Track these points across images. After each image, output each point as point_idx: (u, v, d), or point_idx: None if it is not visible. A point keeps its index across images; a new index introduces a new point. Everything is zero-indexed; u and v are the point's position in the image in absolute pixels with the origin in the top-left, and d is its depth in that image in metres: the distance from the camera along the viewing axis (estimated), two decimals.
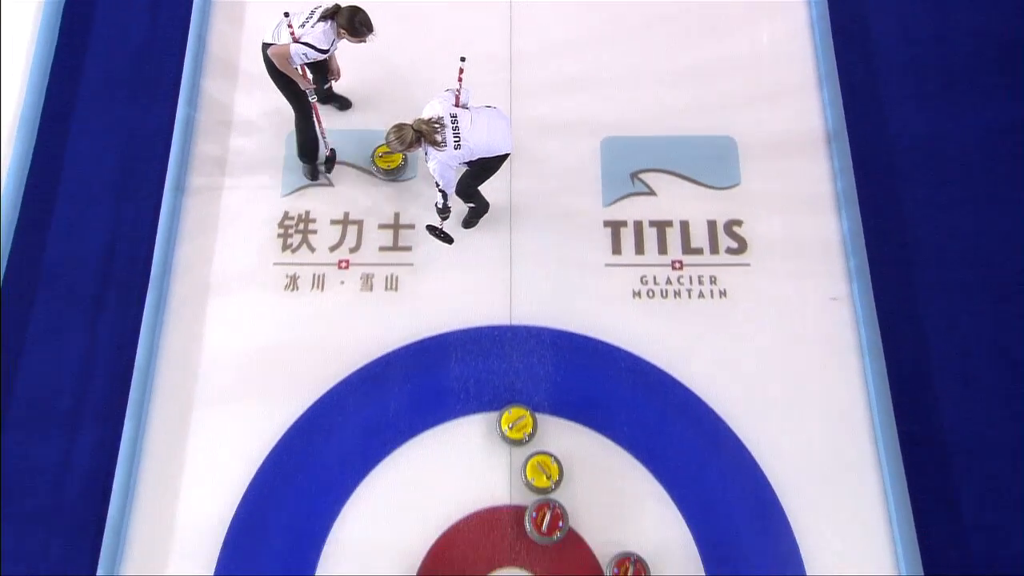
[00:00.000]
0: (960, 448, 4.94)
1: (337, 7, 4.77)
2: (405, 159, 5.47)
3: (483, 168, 4.96)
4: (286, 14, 4.79)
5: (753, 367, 5.13)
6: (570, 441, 4.98)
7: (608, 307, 5.28)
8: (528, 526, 4.78)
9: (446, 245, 5.24)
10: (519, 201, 5.57)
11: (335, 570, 4.69)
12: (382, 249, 5.48)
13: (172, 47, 5.97)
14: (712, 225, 5.55)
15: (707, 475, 4.92)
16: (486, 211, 5.40)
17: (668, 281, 5.40)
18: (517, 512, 4.85)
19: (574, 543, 4.79)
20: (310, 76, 5.13)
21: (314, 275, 5.42)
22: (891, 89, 5.93)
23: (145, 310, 5.24)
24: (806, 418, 5.03)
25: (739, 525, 4.81)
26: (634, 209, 5.60)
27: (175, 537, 4.78)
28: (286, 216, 5.56)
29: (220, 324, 5.30)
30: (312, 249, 5.46)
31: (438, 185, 4.86)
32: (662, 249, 5.47)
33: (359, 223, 5.58)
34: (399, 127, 4.59)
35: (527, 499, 4.87)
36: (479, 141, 4.74)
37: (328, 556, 4.74)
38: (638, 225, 5.55)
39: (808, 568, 4.70)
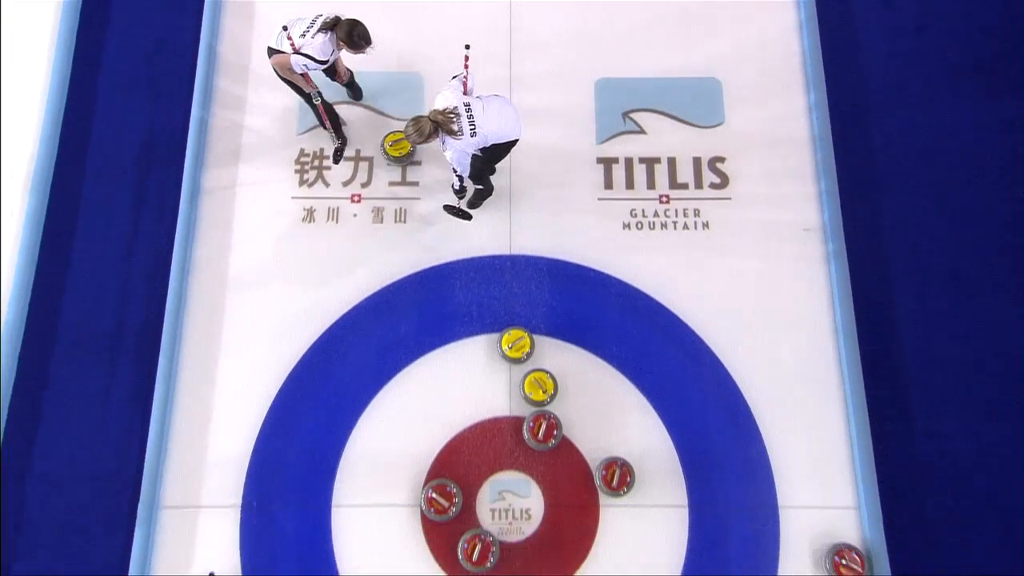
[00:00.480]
0: (914, 362, 5.27)
1: (337, 19, 4.67)
2: (413, 147, 5.43)
3: (494, 154, 4.92)
4: (284, 28, 4.70)
5: (731, 292, 5.36)
6: (564, 359, 5.21)
7: (600, 238, 5.49)
8: (526, 434, 5.01)
9: (465, 221, 5.30)
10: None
11: (353, 474, 5.03)
12: (391, 184, 5.68)
13: None
14: (697, 162, 5.78)
15: (687, 389, 5.18)
16: (491, 194, 5.37)
17: (656, 214, 5.60)
18: (516, 422, 5.10)
19: (567, 449, 5.07)
20: (314, 81, 5.07)
21: (329, 208, 5.63)
22: (869, 33, 6.06)
23: (174, 255, 5.45)
24: (777, 338, 5.29)
25: (714, 432, 5.11)
26: (625, 147, 5.82)
27: (208, 454, 5.06)
28: (302, 153, 5.75)
29: (245, 253, 5.51)
30: (327, 184, 5.65)
31: (455, 171, 4.86)
32: (650, 184, 5.70)
33: (369, 160, 5.79)
34: (416, 120, 4.51)
35: (525, 411, 5.12)
36: (491, 128, 4.70)
37: (346, 462, 5.08)
38: (628, 162, 5.76)
39: (775, 468, 5.03)
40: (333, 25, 4.63)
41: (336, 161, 5.32)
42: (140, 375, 5.23)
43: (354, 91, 5.60)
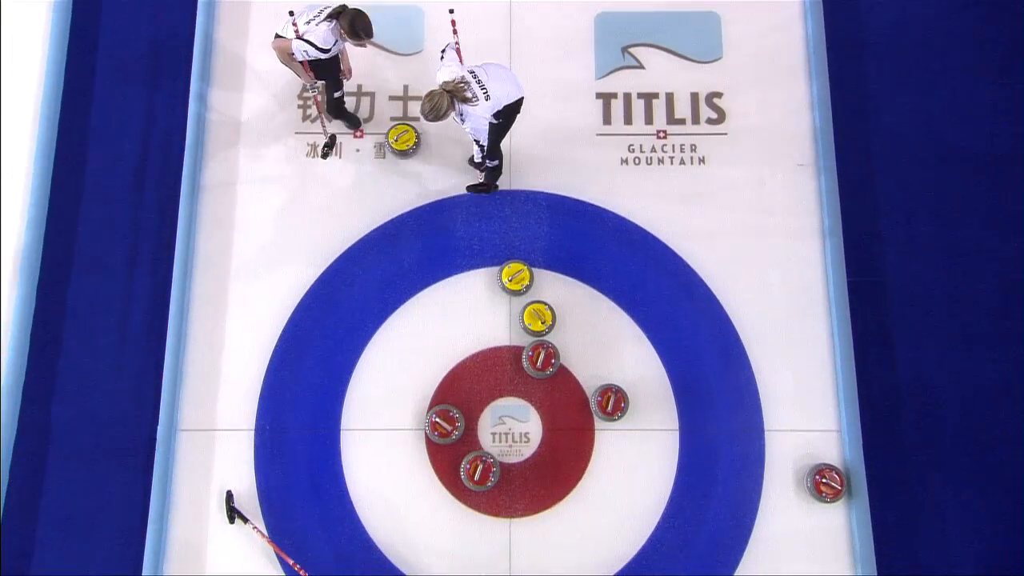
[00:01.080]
0: (898, 293, 5.35)
1: (343, 7, 4.56)
2: (418, 141, 5.34)
3: (508, 117, 4.85)
4: (291, 13, 4.59)
5: (725, 226, 5.43)
6: (562, 291, 5.29)
7: (598, 173, 5.53)
8: (525, 363, 5.13)
9: (490, 194, 5.22)
10: (518, 73, 5.61)
11: (360, 400, 5.18)
12: (393, 119, 5.68)
13: None
14: (695, 97, 5.79)
15: (680, 320, 5.28)
16: (500, 174, 5.29)
17: (653, 149, 5.62)
18: (515, 351, 5.21)
19: (564, 377, 5.19)
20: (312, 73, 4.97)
21: None
22: None
23: (183, 183, 5.50)
24: (768, 269, 5.39)
25: (705, 360, 5.23)
26: (624, 82, 5.81)
27: (222, 380, 5.21)
28: (304, 88, 5.73)
29: (251, 188, 5.55)
30: (330, 119, 5.64)
31: (478, 143, 4.81)
32: (648, 119, 5.71)
33: (371, 95, 5.79)
34: (430, 95, 4.44)
35: (524, 340, 5.23)
36: (499, 89, 4.65)
37: (353, 388, 5.20)
38: (627, 97, 5.77)
39: (762, 394, 5.18)
40: (338, 14, 4.55)
41: (326, 155, 5.21)
42: (154, 306, 5.32)
43: (349, 120, 5.44)
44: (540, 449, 5.08)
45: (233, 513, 4.83)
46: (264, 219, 5.41)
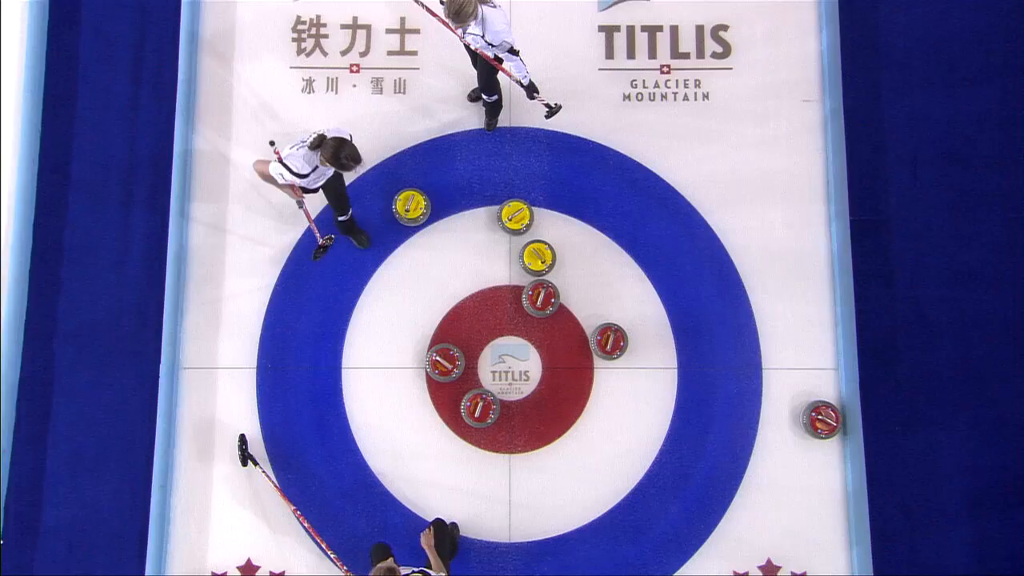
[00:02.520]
0: (899, 232, 5.34)
1: (322, 138, 4.23)
2: (426, 210, 5.11)
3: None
4: (272, 143, 4.37)
5: (727, 163, 5.40)
6: (562, 230, 5.31)
7: (600, 109, 5.45)
8: (525, 302, 5.15)
9: (555, 114, 4.84)
10: (518, 4, 5.58)
11: (361, 339, 5.18)
12: (390, 53, 5.52)
13: None
14: (700, 30, 5.61)
15: (680, 258, 5.31)
16: (501, 108, 5.15)
17: (656, 84, 5.52)
18: (515, 290, 5.24)
19: (564, 316, 5.24)
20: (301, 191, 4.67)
21: (328, 79, 5.52)
22: None
23: (177, 113, 5.38)
24: (771, 208, 5.38)
25: (705, 299, 5.28)
26: (627, 14, 5.63)
27: (223, 319, 5.21)
28: (298, 20, 5.56)
29: (247, 122, 5.42)
30: (324, 53, 5.50)
31: (510, 59, 4.52)
32: (652, 54, 5.56)
33: (367, 27, 5.61)
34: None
35: (524, 280, 5.25)
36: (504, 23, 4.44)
37: (354, 327, 5.23)
38: (630, 30, 5.59)
39: (760, 332, 5.24)
40: (318, 144, 4.22)
41: (316, 257, 4.86)
42: (152, 243, 5.29)
43: (357, 237, 5.14)
44: (539, 387, 5.15)
45: (246, 457, 4.89)
46: (260, 155, 5.00)
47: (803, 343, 5.24)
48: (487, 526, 4.96)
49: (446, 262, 5.27)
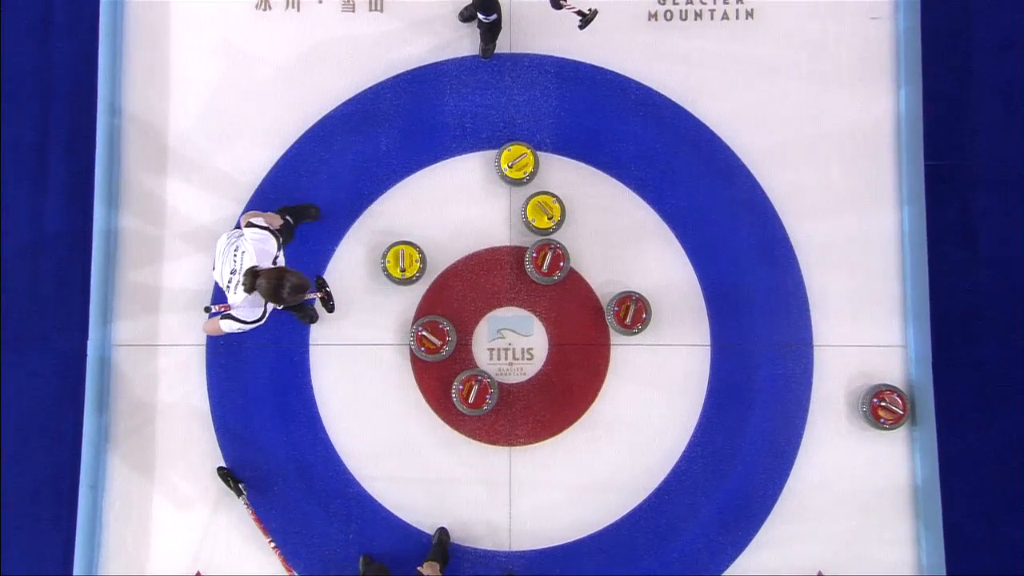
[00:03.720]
0: (987, 181, 4.87)
1: (253, 275, 3.76)
2: (422, 268, 4.68)
3: None
4: (207, 309, 4.04)
5: (775, 98, 4.92)
6: (573, 180, 4.88)
7: (619, 31, 4.94)
8: (528, 266, 4.76)
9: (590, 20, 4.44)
10: None
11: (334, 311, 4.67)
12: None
13: None
14: None
15: (716, 215, 4.87)
16: (500, 30, 4.72)
17: (689, 1, 4.96)
18: (517, 253, 4.84)
19: (574, 283, 4.82)
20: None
21: None
22: None
23: (100, 40, 4.89)
24: (827, 154, 4.90)
25: (745, 263, 4.84)
26: None
27: (163, 289, 4.79)
28: None
29: (188, 50, 4.94)
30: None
31: None
32: None
33: None
34: None
35: (527, 240, 4.84)
36: None
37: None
38: None
39: (812, 303, 4.79)
40: (251, 283, 3.75)
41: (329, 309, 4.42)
42: (75, 200, 4.86)
43: (307, 316, 4.72)
44: (545, 367, 4.78)
45: (231, 483, 4.56)
46: (204, 91, 4.88)
47: (864, 315, 4.79)
48: (483, 532, 4.68)
49: (433, 219, 4.84)
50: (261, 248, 3.84)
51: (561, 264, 4.72)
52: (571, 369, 4.77)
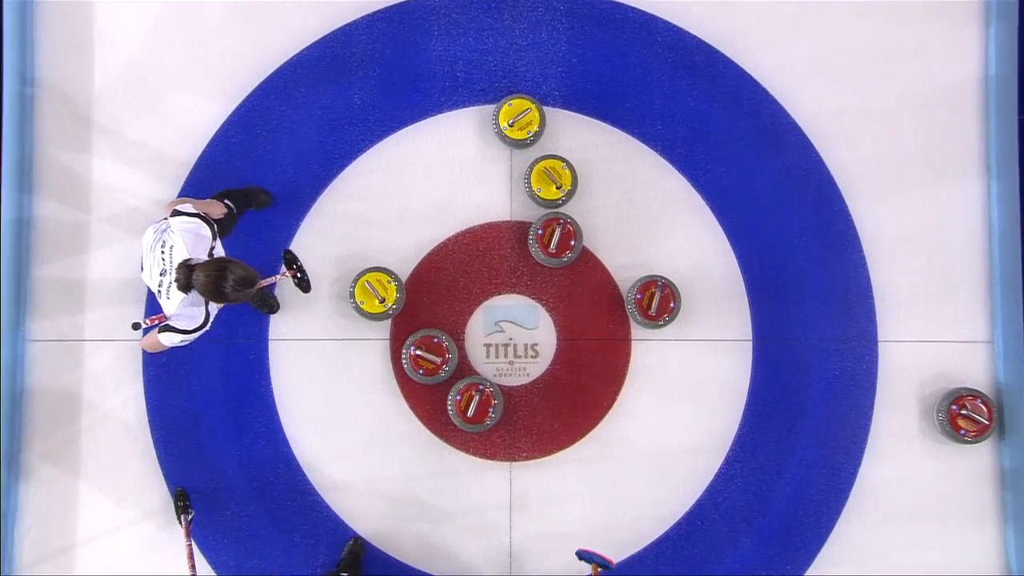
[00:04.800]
0: None
1: (188, 269, 3.35)
2: (400, 298, 4.30)
3: None
4: (135, 326, 3.59)
5: (837, 45, 4.55)
6: (587, 141, 4.54)
7: None
8: (533, 246, 4.39)
9: None
10: None
11: (295, 299, 4.35)
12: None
13: None
14: None
15: (761, 184, 4.47)
16: None
17: None
18: (519, 229, 4.49)
19: (588, 265, 4.46)
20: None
21: None
22: None
23: None
24: (900, 114, 4.50)
25: (795, 244, 4.45)
26: None
27: (89, 276, 4.35)
28: None
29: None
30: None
31: None
32: None
33: None
34: None
35: (532, 213, 4.49)
36: None
37: (286, 284, 4.31)
38: None
39: (876, 291, 4.41)
40: (186, 281, 3.35)
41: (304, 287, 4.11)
42: None
43: (267, 305, 4.35)
44: (553, 367, 4.43)
45: (180, 505, 4.16)
46: (138, 37, 4.47)
47: (941, 305, 4.43)
48: (479, 561, 4.30)
49: (418, 187, 4.46)
50: (193, 237, 3.36)
51: (572, 243, 4.38)
52: (584, 369, 4.46)
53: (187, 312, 3.40)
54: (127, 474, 4.20)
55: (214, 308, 3.46)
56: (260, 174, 4.42)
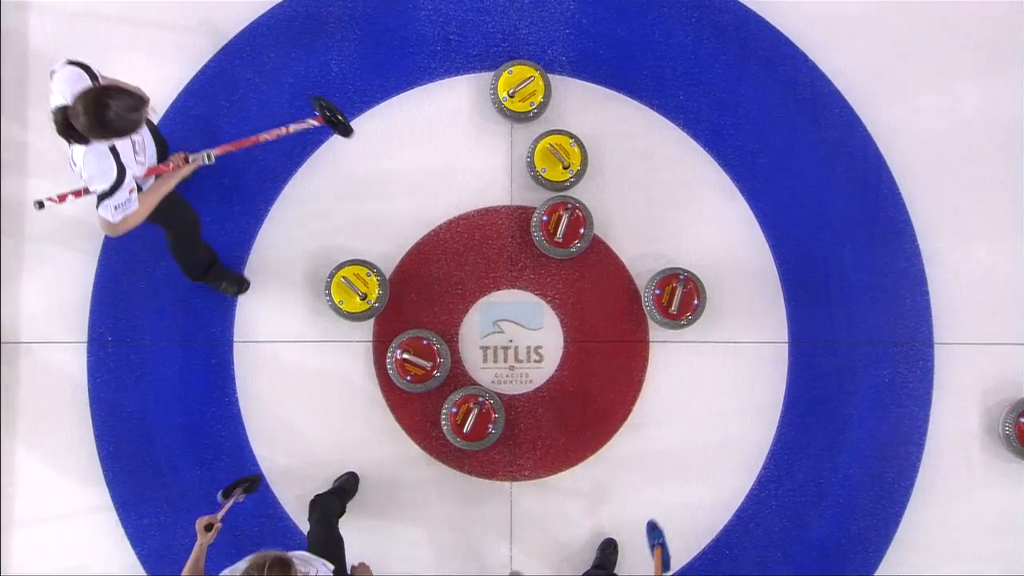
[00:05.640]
0: None
1: (63, 111, 2.99)
2: (384, 294, 4.15)
3: None
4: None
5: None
6: (598, 114, 4.19)
7: None
8: (536, 234, 4.06)
9: None
10: None
11: (264, 295, 4.08)
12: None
13: None
14: None
15: (799, 164, 4.11)
16: None
17: None
18: (521, 215, 4.16)
19: (600, 257, 4.13)
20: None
21: None
22: None
23: None
24: (960, 79, 4.12)
25: (840, 234, 4.09)
26: None
27: (23, 269, 4.01)
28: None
29: None
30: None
31: None
32: None
33: None
34: None
35: (535, 197, 4.15)
36: None
37: (254, 277, 3.97)
38: None
39: (932, 286, 4.04)
40: (64, 121, 2.99)
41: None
42: None
43: (219, 283, 4.03)
44: (559, 373, 4.11)
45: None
46: None
47: (1006, 303, 4.07)
48: None
49: (404, 168, 4.13)
50: (72, 78, 3.04)
51: (581, 231, 4.03)
52: (594, 376, 4.13)
53: (97, 169, 3.04)
54: (67, 497, 3.83)
55: (127, 153, 3.09)
56: (235, 159, 3.80)
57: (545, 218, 3.98)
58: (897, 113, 4.12)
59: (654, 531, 3.48)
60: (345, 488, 3.93)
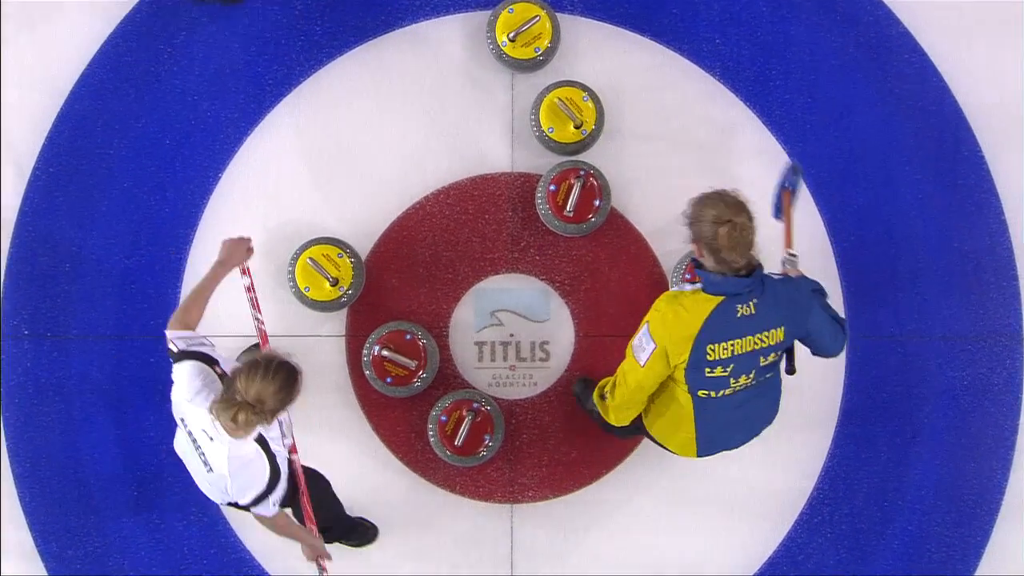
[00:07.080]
0: None
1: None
2: (359, 279, 3.81)
3: None
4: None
5: None
6: (615, 62, 3.74)
7: None
8: (542, 207, 3.66)
9: None
10: None
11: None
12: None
13: None
14: None
15: (859, 124, 3.67)
16: None
17: None
18: (523, 184, 3.74)
19: (618, 234, 3.70)
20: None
21: None
22: None
23: None
24: None
25: (910, 210, 3.67)
26: None
27: None
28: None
29: None
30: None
31: None
32: None
33: None
34: None
35: (541, 163, 3.73)
36: None
37: (200, 262, 3.59)
38: None
39: (1022, 267, 3.65)
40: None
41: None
42: None
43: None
44: (570, 374, 3.75)
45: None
46: None
47: None
48: None
49: (384, 127, 3.70)
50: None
51: (596, 203, 3.63)
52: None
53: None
54: None
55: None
56: (161, 111, 3.55)
57: (553, 188, 3.58)
58: (981, 61, 3.63)
59: (795, 175, 3.10)
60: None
